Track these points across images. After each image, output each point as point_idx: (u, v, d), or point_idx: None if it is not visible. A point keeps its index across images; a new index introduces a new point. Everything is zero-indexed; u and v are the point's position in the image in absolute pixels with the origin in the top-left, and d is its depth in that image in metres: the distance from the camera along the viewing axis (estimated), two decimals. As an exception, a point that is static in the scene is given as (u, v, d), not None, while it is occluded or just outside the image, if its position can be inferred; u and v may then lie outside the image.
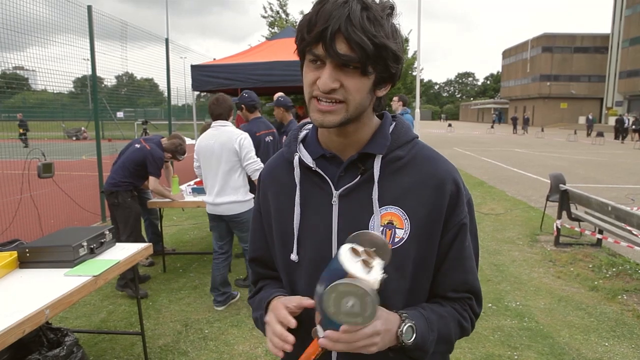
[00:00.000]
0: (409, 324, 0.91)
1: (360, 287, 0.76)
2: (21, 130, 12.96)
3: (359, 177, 0.98)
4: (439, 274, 1.03)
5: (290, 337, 0.89)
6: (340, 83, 0.87)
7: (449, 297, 1.04)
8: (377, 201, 0.96)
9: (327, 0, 0.86)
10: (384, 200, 0.97)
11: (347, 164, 0.99)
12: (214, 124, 3.83)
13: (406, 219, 0.97)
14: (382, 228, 0.96)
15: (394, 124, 1.05)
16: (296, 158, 1.04)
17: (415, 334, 0.91)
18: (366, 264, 0.81)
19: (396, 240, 0.97)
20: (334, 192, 0.99)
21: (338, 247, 0.98)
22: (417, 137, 1.05)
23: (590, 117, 33.43)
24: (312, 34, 0.86)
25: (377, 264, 0.82)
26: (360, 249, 0.84)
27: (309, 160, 1.02)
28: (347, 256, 0.82)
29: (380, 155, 0.98)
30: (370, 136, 1.01)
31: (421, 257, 0.99)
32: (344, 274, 0.79)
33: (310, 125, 1.12)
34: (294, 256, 1.03)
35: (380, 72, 0.90)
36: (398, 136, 1.02)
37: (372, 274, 0.79)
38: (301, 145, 1.07)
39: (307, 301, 0.94)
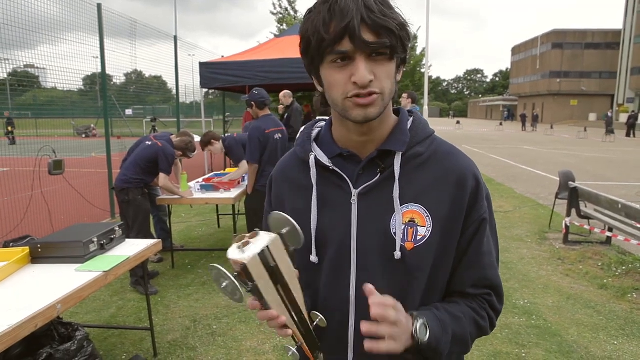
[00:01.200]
0: (421, 321, 0.90)
1: (214, 267, 0.80)
2: (9, 128, 13.01)
3: (379, 175, 0.96)
4: (458, 270, 1.01)
5: (273, 313, 0.85)
6: (374, 74, 0.86)
7: (468, 294, 1.02)
8: (398, 199, 0.95)
9: None
10: (405, 198, 0.95)
11: (366, 162, 0.98)
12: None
13: (428, 216, 0.95)
14: (403, 226, 0.95)
15: (412, 119, 1.03)
16: (312, 158, 1.01)
17: (429, 332, 0.90)
18: (242, 245, 0.82)
19: (418, 238, 0.95)
20: (353, 191, 0.97)
21: (357, 247, 0.97)
22: (435, 133, 1.04)
23: (609, 114, 32.74)
24: (333, 32, 0.83)
25: (256, 241, 0.82)
26: (246, 235, 0.85)
27: (325, 160, 1.00)
28: (230, 248, 0.83)
29: (401, 153, 0.96)
30: (389, 133, 0.99)
31: (442, 254, 0.98)
32: None
33: (323, 123, 1.10)
34: (313, 257, 1.01)
35: (401, 53, 0.89)
36: (417, 132, 1.00)
37: (245, 253, 0.80)
38: (314, 144, 1.05)
39: None
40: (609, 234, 5.40)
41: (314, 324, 0.93)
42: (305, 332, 0.90)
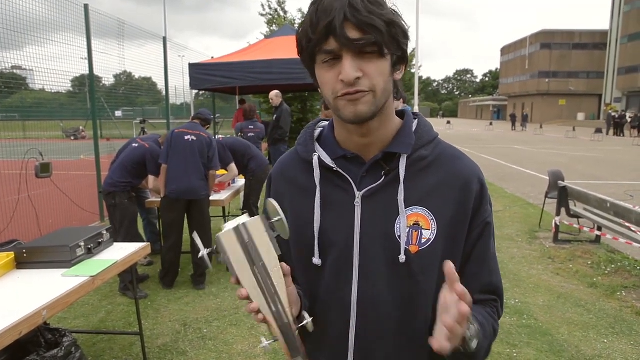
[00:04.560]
0: (475, 327, 0.85)
1: (195, 237, 0.89)
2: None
3: (383, 177, 0.95)
4: (465, 276, 0.97)
5: (242, 291, 0.84)
6: (362, 72, 0.85)
7: (476, 300, 0.97)
8: (403, 202, 0.93)
9: None
10: (410, 201, 0.94)
11: (371, 164, 0.96)
12: None
13: (432, 219, 0.94)
14: (408, 229, 0.94)
15: (417, 122, 1.02)
16: (315, 158, 0.99)
17: (478, 340, 0.85)
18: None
19: (423, 241, 0.94)
20: (357, 193, 0.96)
21: (360, 250, 0.96)
22: (439, 136, 1.03)
23: (613, 113, 32.74)
24: (318, 31, 0.84)
25: (237, 220, 0.85)
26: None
27: (328, 160, 0.98)
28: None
29: (406, 155, 0.95)
30: (394, 135, 0.97)
31: (446, 258, 0.94)
32: None
33: (326, 123, 1.08)
34: (316, 260, 0.99)
35: (395, 50, 0.88)
36: (422, 135, 0.99)
37: (224, 229, 0.84)
38: (317, 144, 1.03)
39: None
40: (598, 232, 5.44)
41: (300, 324, 0.88)
42: (284, 328, 0.86)
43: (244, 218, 0.85)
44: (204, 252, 0.85)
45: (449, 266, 0.77)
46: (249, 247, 0.84)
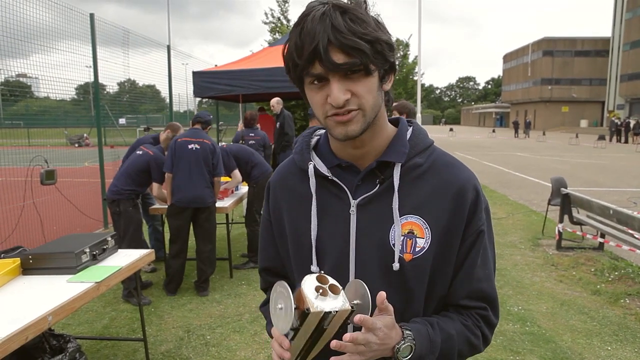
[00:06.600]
0: (408, 344, 0.88)
1: (283, 285, 0.81)
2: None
3: (378, 186, 0.96)
4: (454, 281, 1.00)
5: (286, 342, 0.85)
6: (350, 92, 0.86)
7: (462, 306, 1.01)
8: (397, 210, 0.94)
9: (305, 19, 0.85)
10: (404, 209, 0.95)
11: (365, 173, 0.98)
12: None
13: (427, 228, 0.95)
14: (402, 238, 0.95)
15: (411, 129, 1.03)
16: (311, 167, 1.01)
17: (413, 354, 0.89)
18: (322, 292, 0.80)
19: (417, 249, 0.95)
20: (352, 201, 0.97)
21: (356, 258, 0.97)
22: (434, 143, 1.03)
23: (615, 120, 32.58)
24: (304, 56, 0.84)
25: (333, 299, 0.81)
26: (330, 280, 0.83)
27: (324, 170, 0.99)
28: (310, 279, 0.82)
29: (400, 164, 0.96)
30: (388, 144, 0.98)
31: (440, 265, 0.97)
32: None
33: (322, 132, 1.09)
34: (314, 267, 1.00)
35: (382, 65, 0.88)
36: (416, 143, 1.00)
37: (316, 301, 0.79)
38: (313, 152, 1.04)
39: None
40: (601, 239, 5.43)
41: None
42: None
43: (339, 302, 0.80)
44: (293, 308, 0.77)
45: (381, 296, 0.84)
46: (320, 331, 0.83)
